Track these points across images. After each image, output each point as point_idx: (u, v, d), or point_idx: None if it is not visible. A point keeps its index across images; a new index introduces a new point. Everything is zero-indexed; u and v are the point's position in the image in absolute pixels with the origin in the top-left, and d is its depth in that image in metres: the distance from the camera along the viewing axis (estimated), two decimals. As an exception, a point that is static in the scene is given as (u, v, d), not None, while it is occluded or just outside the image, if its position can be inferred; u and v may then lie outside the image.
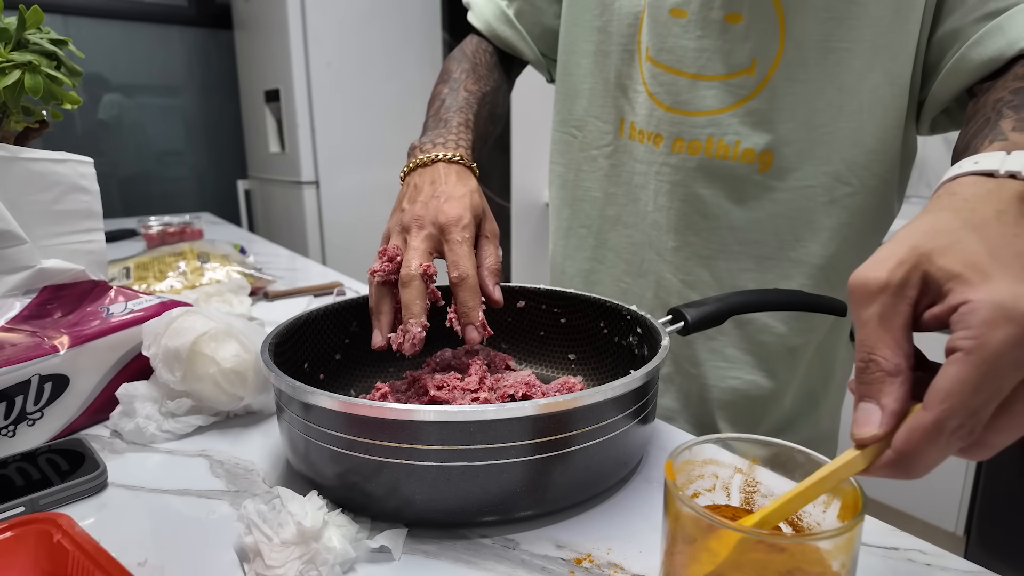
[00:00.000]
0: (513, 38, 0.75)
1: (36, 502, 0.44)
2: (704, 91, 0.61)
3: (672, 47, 0.61)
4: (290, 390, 0.41)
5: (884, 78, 0.57)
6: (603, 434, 0.42)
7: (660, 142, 0.64)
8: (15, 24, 0.58)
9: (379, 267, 0.51)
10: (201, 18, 2.82)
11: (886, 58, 0.56)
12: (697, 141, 0.62)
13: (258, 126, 2.69)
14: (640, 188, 0.68)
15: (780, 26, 0.57)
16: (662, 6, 0.61)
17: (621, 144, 0.69)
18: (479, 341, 0.49)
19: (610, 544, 0.41)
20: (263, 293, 1.01)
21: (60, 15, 2.50)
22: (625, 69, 0.66)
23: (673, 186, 0.65)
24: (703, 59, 0.60)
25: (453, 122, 0.63)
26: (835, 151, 0.60)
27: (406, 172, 0.58)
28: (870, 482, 0.43)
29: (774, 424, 0.70)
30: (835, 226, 0.62)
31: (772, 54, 0.58)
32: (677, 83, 0.62)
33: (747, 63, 0.59)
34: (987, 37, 0.51)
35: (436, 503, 0.40)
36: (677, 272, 0.67)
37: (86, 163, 0.64)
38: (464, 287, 0.49)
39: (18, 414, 0.51)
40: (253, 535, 0.37)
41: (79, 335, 0.55)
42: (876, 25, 0.55)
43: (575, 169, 0.74)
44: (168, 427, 0.55)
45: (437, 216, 0.51)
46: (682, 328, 0.54)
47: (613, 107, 0.69)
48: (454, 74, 0.72)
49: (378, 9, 2.45)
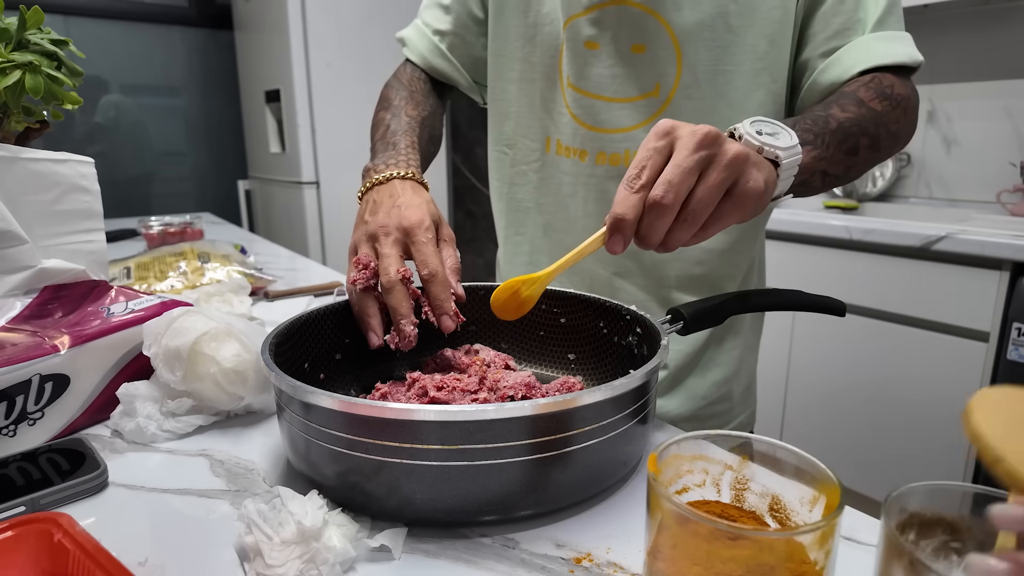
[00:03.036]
0: (447, 70, 0.82)
1: (37, 501, 0.44)
2: (618, 111, 0.71)
3: (589, 75, 0.71)
4: (290, 390, 0.42)
5: (767, 96, 0.68)
6: (602, 434, 0.42)
7: (585, 156, 0.73)
8: (16, 24, 0.58)
9: (357, 275, 0.55)
10: (201, 18, 2.82)
11: (767, 79, 0.67)
12: (617, 153, 0.72)
13: (258, 126, 2.69)
14: (569, 197, 0.76)
15: (677, 54, 0.67)
16: (578, 39, 0.70)
17: (548, 159, 0.77)
18: (454, 328, 0.54)
19: (610, 544, 0.41)
20: (263, 293, 1.01)
21: (60, 15, 2.50)
22: (549, 94, 0.75)
23: (600, 193, 0.74)
24: (616, 84, 0.70)
25: (401, 144, 0.69)
26: None
27: (364, 191, 0.63)
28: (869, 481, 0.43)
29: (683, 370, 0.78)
30: None
31: (672, 78, 0.68)
32: (595, 105, 0.71)
33: (651, 86, 0.69)
34: (829, 67, 0.65)
35: (436, 502, 0.40)
36: (608, 266, 0.76)
37: (87, 163, 0.64)
38: (435, 282, 0.54)
39: (19, 414, 0.51)
40: (253, 534, 0.38)
41: (80, 335, 0.55)
42: (754, 51, 0.66)
43: (508, 183, 0.82)
44: (168, 427, 0.55)
45: (401, 222, 0.56)
46: (681, 328, 0.54)
47: (540, 127, 0.77)
48: (394, 101, 0.78)
49: (378, 9, 2.45)
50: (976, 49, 1.87)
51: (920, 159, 2.02)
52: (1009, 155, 1.83)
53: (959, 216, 1.83)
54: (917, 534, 0.32)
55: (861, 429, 1.68)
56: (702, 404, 0.78)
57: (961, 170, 1.94)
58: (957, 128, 1.93)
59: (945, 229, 1.47)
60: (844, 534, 0.42)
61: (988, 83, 1.86)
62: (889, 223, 1.58)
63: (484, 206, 3.01)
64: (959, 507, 0.32)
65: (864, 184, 2.11)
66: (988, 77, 1.86)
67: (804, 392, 1.80)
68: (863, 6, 0.64)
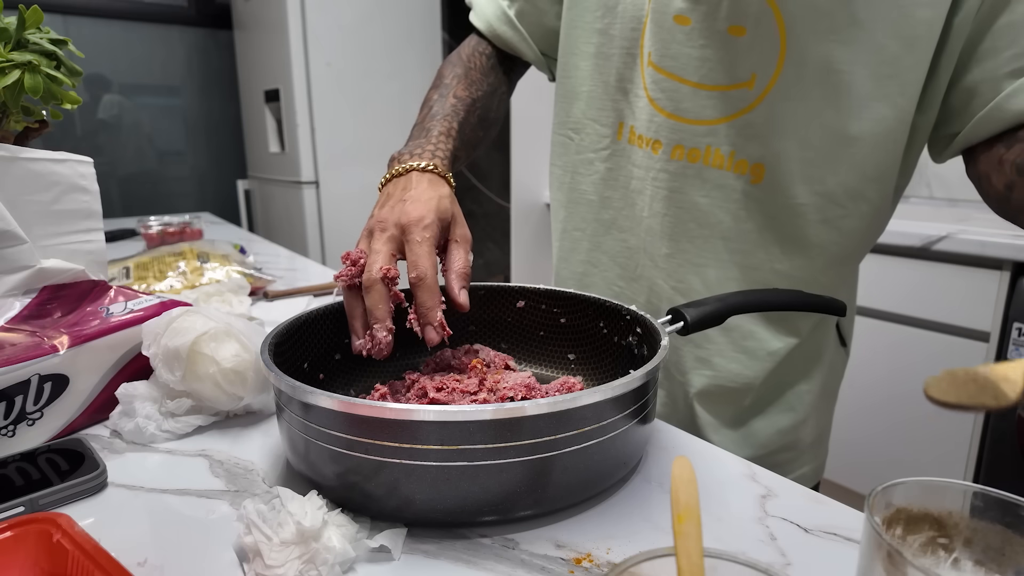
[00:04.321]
0: (514, 39, 0.75)
1: (36, 502, 0.44)
2: (704, 100, 0.61)
3: (675, 53, 0.61)
4: (290, 390, 0.41)
5: (892, 111, 0.57)
6: (603, 434, 0.42)
7: (659, 148, 0.64)
8: (15, 24, 0.58)
9: (342, 272, 0.52)
10: (201, 18, 2.82)
11: (894, 90, 0.56)
12: (696, 149, 0.63)
13: (258, 126, 2.69)
14: (637, 193, 0.68)
15: (781, 43, 0.57)
16: (666, 12, 0.61)
17: (619, 148, 0.69)
18: (438, 341, 0.50)
19: (610, 544, 0.41)
20: (263, 293, 1.01)
21: (60, 15, 2.50)
22: (627, 73, 0.66)
23: (670, 192, 0.65)
24: (705, 68, 0.60)
25: (434, 131, 0.64)
26: (831, 173, 0.60)
27: (383, 183, 0.59)
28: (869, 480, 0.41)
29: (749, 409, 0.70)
30: (823, 244, 0.63)
31: (771, 70, 0.58)
32: (679, 90, 0.62)
33: (747, 76, 0.59)
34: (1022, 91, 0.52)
35: (436, 503, 0.40)
36: (669, 278, 0.68)
37: (86, 163, 0.64)
38: (422, 287, 0.49)
39: (18, 414, 0.51)
40: (253, 535, 0.37)
41: (79, 335, 0.55)
42: (882, 53, 0.55)
43: (571, 171, 0.75)
44: (168, 427, 0.55)
45: (399, 218, 0.52)
46: (682, 328, 0.54)
47: (612, 110, 0.69)
48: (446, 79, 0.72)
49: (378, 9, 2.45)
50: (976, 49, 1.87)
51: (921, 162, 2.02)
52: (1009, 155, 1.83)
53: (959, 216, 1.83)
54: (904, 529, 0.32)
55: (860, 429, 1.68)
56: (762, 452, 0.70)
57: (961, 170, 1.94)
58: (957, 128, 1.93)
59: (945, 229, 1.47)
60: (831, 529, 0.42)
61: (988, 83, 1.85)
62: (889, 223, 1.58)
63: (484, 206, 3.01)
64: (946, 503, 0.32)
65: (864, 184, 2.10)
66: (988, 77, 1.85)
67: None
68: None
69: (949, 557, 0.32)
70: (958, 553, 0.32)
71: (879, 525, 0.29)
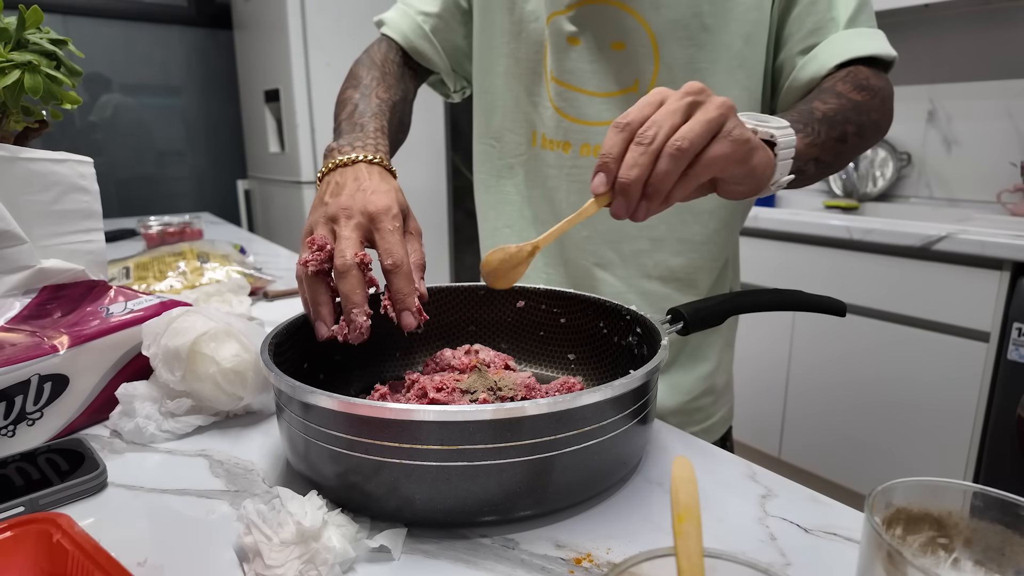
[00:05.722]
0: (428, 51, 0.81)
1: (36, 502, 0.44)
2: (599, 105, 0.72)
3: (571, 69, 0.73)
4: (290, 390, 0.41)
5: (743, 93, 0.70)
6: (603, 434, 0.42)
7: (569, 148, 0.75)
8: (15, 24, 0.58)
9: (310, 256, 0.50)
10: (201, 18, 2.82)
11: (742, 76, 0.69)
12: (600, 145, 0.69)
13: (258, 126, 2.69)
14: (554, 190, 0.78)
15: (654, 52, 0.69)
16: (561, 35, 0.72)
17: (533, 152, 0.79)
18: (415, 327, 0.50)
19: (610, 544, 0.41)
20: (263, 293, 1.01)
21: (60, 15, 2.50)
22: (534, 88, 0.76)
23: (582, 184, 0.75)
24: (596, 79, 0.72)
25: (370, 127, 0.64)
26: None
27: (324, 172, 0.59)
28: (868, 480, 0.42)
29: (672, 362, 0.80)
30: (711, 210, 0.74)
31: (649, 74, 0.70)
32: (578, 99, 0.73)
33: (631, 82, 0.71)
34: (807, 64, 0.67)
35: (436, 503, 0.40)
36: (589, 257, 0.77)
37: (85, 163, 0.64)
38: (399, 274, 0.50)
39: (18, 414, 0.51)
40: (253, 535, 0.37)
41: (79, 335, 0.55)
42: (729, 50, 0.68)
43: (496, 176, 0.83)
44: (168, 427, 0.55)
45: (366, 206, 0.52)
46: (682, 328, 0.54)
47: (525, 121, 0.78)
48: (364, 80, 0.73)
49: (378, 9, 2.44)
50: (976, 49, 1.87)
51: (920, 159, 2.02)
52: (1009, 155, 1.83)
53: (959, 216, 1.83)
54: (904, 529, 0.32)
55: (860, 429, 1.68)
56: (687, 399, 0.80)
57: (961, 170, 1.94)
58: (957, 128, 1.93)
59: (945, 229, 1.47)
60: (831, 529, 0.42)
61: (988, 83, 1.86)
62: (889, 223, 1.58)
63: (484, 206, 3.00)
64: (946, 503, 0.32)
65: (864, 184, 2.11)
66: (988, 77, 1.86)
67: (804, 392, 1.80)
68: (835, 6, 0.66)
69: (949, 557, 0.32)
70: (958, 553, 0.32)
71: (879, 525, 0.29)
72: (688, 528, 0.26)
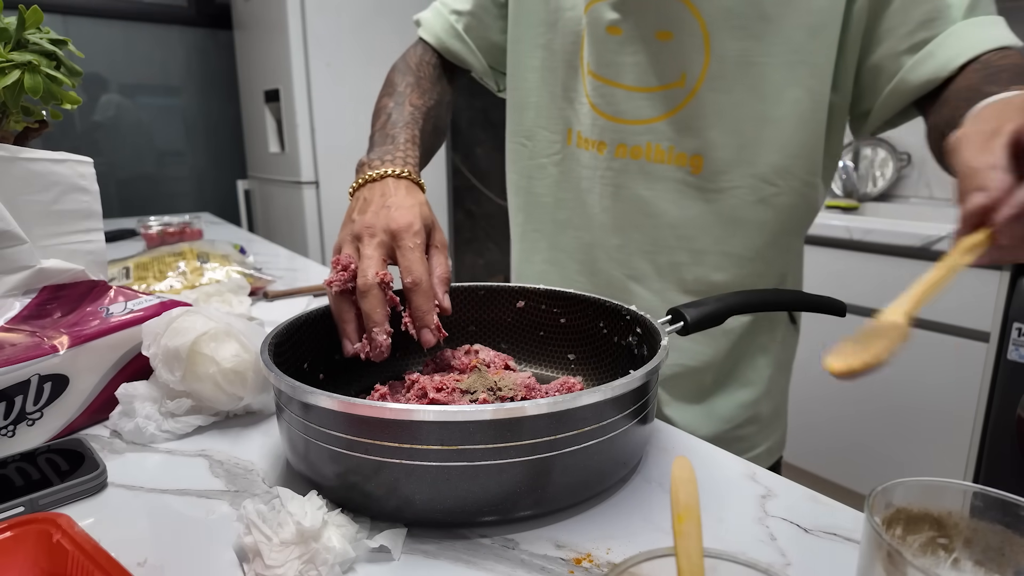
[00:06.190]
0: (462, 51, 0.79)
1: (36, 502, 0.44)
2: (640, 101, 0.66)
3: (610, 62, 0.67)
4: (290, 390, 0.41)
5: (804, 93, 0.62)
6: (603, 434, 0.42)
7: (604, 148, 0.69)
8: (15, 24, 0.58)
9: (335, 277, 0.52)
10: (201, 18, 2.82)
11: (804, 74, 0.62)
12: (637, 146, 0.68)
13: (258, 126, 2.69)
14: (587, 192, 0.72)
15: (705, 42, 0.62)
16: (600, 24, 0.66)
17: (569, 152, 0.73)
18: (435, 343, 0.52)
19: (610, 544, 0.41)
20: (263, 293, 1.01)
21: (60, 15, 2.50)
22: (570, 83, 0.71)
23: (616, 188, 0.70)
24: (638, 72, 0.66)
25: (400, 138, 0.65)
26: (760, 156, 0.65)
27: (355, 188, 0.60)
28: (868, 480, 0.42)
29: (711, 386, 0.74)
30: (761, 222, 0.68)
31: (698, 68, 0.63)
32: (616, 94, 0.67)
33: (677, 76, 0.64)
34: (921, 63, 0.59)
35: (436, 503, 0.40)
36: (622, 267, 0.72)
37: (85, 163, 0.64)
38: (418, 292, 0.51)
39: (18, 414, 0.51)
40: (253, 535, 0.37)
41: (79, 335, 0.55)
42: (790, 43, 0.61)
43: (527, 176, 0.79)
44: (168, 427, 0.55)
45: (388, 224, 0.53)
46: (681, 328, 0.54)
47: (560, 118, 0.73)
48: (399, 87, 0.74)
49: (378, 9, 2.44)
50: (976, 49, 1.87)
51: (920, 159, 2.02)
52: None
53: (959, 216, 1.82)
54: (904, 530, 0.32)
55: (860, 429, 1.68)
56: (727, 427, 0.73)
57: (961, 170, 1.94)
58: (957, 128, 1.93)
59: (945, 229, 1.47)
60: (831, 529, 0.42)
61: (988, 83, 1.85)
62: (889, 223, 1.58)
63: (484, 206, 3.01)
64: (947, 503, 0.32)
65: (864, 184, 2.11)
66: (988, 77, 1.85)
67: (804, 392, 1.80)
68: None
69: (949, 557, 0.32)
70: (958, 553, 0.32)
71: (879, 525, 0.29)
72: (688, 528, 0.26)
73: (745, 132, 0.64)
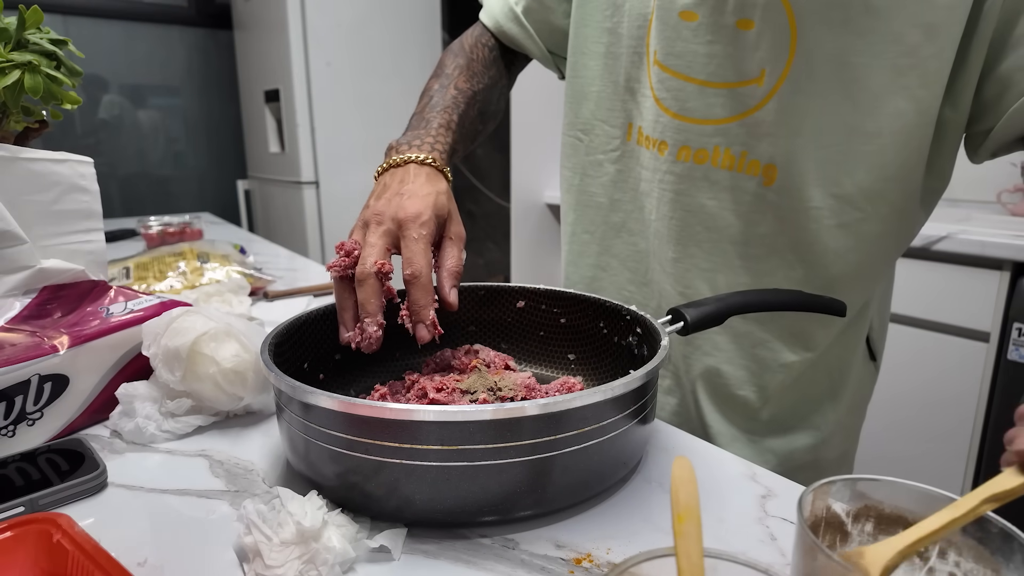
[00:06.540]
0: (519, 35, 0.74)
1: (36, 502, 0.44)
2: (712, 99, 0.58)
3: (681, 51, 0.59)
4: (290, 390, 0.41)
5: (910, 104, 0.53)
6: (603, 434, 0.42)
7: (665, 149, 0.62)
8: (15, 24, 0.58)
9: (335, 262, 0.51)
10: (201, 18, 2.82)
11: (913, 81, 0.52)
12: (703, 150, 0.60)
13: (258, 126, 2.69)
14: (645, 195, 0.66)
15: (791, 35, 0.53)
16: (672, 8, 0.58)
17: (628, 149, 0.67)
18: (429, 340, 0.50)
19: (610, 544, 0.41)
20: (263, 293, 1.01)
21: (60, 15, 2.50)
22: (634, 72, 0.64)
23: (676, 195, 0.63)
24: (712, 65, 0.58)
25: (434, 123, 0.62)
26: (847, 174, 0.56)
27: (380, 172, 0.58)
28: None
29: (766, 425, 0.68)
30: (840, 251, 0.59)
31: (782, 65, 0.55)
32: (684, 89, 0.60)
33: (756, 72, 0.56)
34: None
35: (436, 503, 0.40)
36: (677, 284, 0.66)
37: (86, 163, 0.64)
38: (416, 285, 0.49)
39: (18, 414, 0.51)
40: (253, 535, 0.37)
41: (79, 335, 0.55)
42: (899, 43, 0.51)
43: (580, 173, 0.73)
44: (168, 427, 0.55)
45: (396, 212, 0.51)
46: (681, 328, 0.54)
47: (622, 111, 0.67)
48: (447, 69, 0.71)
49: (378, 9, 2.44)
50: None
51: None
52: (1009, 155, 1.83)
53: (959, 216, 1.83)
54: (875, 528, 0.32)
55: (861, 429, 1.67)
56: (779, 471, 0.66)
57: (961, 170, 1.94)
58: (957, 128, 1.93)
59: (945, 229, 1.47)
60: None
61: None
62: (889, 223, 1.58)
63: (484, 206, 3.01)
64: (923, 508, 0.31)
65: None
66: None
67: (804, 392, 1.80)
68: None
69: (925, 566, 0.32)
70: (933, 562, 0.32)
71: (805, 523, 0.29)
72: (688, 528, 0.26)
73: (832, 144, 0.56)
